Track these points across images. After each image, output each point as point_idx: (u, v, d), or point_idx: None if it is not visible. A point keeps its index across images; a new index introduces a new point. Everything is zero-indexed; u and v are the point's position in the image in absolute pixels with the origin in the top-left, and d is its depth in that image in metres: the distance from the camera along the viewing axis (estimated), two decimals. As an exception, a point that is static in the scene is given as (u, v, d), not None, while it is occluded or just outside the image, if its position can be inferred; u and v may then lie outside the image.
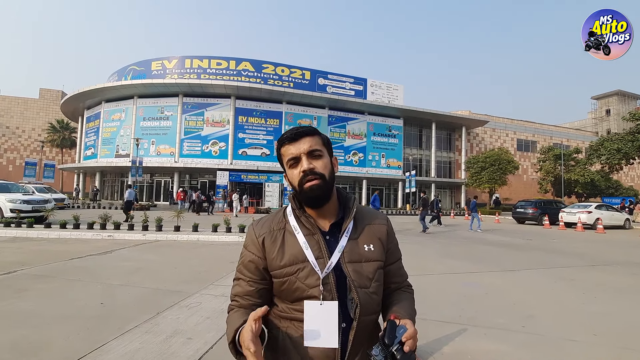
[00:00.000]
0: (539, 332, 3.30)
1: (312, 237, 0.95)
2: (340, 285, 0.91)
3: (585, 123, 58.60)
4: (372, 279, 0.94)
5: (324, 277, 0.89)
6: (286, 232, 0.98)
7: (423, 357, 2.71)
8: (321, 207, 0.97)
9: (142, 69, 33.83)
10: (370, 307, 0.92)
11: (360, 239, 0.98)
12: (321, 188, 0.92)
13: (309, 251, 0.92)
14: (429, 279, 5.34)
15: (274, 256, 0.95)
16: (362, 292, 0.91)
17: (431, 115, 35.86)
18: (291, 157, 0.95)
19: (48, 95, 49.78)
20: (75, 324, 3.17)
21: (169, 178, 31.01)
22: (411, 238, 10.85)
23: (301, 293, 0.91)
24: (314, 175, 0.92)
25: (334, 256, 0.92)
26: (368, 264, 0.95)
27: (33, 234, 8.92)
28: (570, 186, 31.76)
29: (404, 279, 1.09)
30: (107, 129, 32.42)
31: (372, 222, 1.03)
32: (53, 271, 5.20)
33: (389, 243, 1.04)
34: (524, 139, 45.85)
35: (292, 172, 0.96)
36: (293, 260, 0.93)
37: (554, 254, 8.28)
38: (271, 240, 0.97)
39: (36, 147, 46.01)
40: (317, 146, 0.96)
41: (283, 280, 0.93)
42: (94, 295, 4.08)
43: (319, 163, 0.94)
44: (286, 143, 0.96)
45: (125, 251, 7.13)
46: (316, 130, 0.99)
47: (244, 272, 0.99)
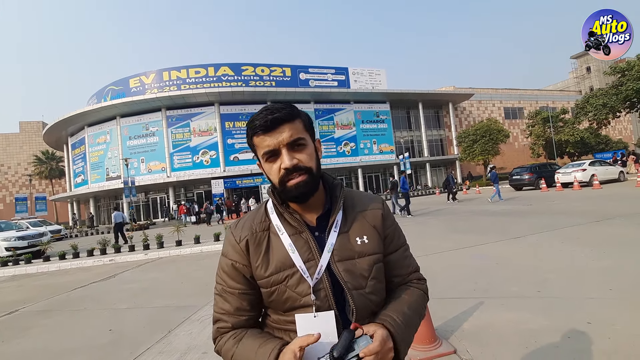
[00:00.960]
0: (555, 295, 3.27)
1: (299, 237, 0.82)
2: (338, 290, 0.79)
3: (568, 83, 58.94)
4: (368, 277, 0.81)
5: (315, 283, 0.78)
6: (270, 234, 0.85)
7: (444, 336, 2.66)
8: (308, 202, 0.84)
9: (121, 87, 33.24)
10: (367, 310, 0.81)
11: (352, 231, 0.85)
12: (308, 184, 0.79)
13: (296, 254, 0.80)
14: (438, 257, 5.30)
15: (259, 264, 0.82)
16: (357, 295, 0.79)
17: (416, 95, 35.81)
18: (267, 151, 0.79)
19: (28, 127, 48.85)
20: (85, 355, 3.08)
21: (163, 194, 30.71)
22: (413, 219, 10.84)
23: (293, 303, 0.79)
24: (299, 172, 0.78)
25: (324, 257, 0.79)
26: (362, 260, 0.82)
27: (32, 269, 8.74)
28: (561, 147, 32.00)
29: (410, 270, 0.93)
30: (93, 153, 31.94)
31: (365, 208, 0.89)
32: (56, 304, 5.07)
33: (385, 229, 0.89)
34: (510, 107, 46.05)
35: (269, 166, 0.81)
36: (280, 267, 0.80)
37: (556, 215, 8.30)
38: (255, 245, 0.83)
39: (25, 182, 45.25)
40: (299, 134, 0.80)
41: (271, 290, 0.81)
42: (101, 322, 3.97)
43: (303, 155, 0.79)
44: (260, 132, 0.79)
45: (129, 273, 7.01)
46: (295, 112, 0.81)
47: (229, 284, 0.84)
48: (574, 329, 2.57)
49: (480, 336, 2.63)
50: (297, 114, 0.82)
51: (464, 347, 2.50)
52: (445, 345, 2.52)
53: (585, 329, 2.55)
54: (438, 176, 38.48)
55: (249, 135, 0.82)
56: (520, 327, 2.70)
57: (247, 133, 0.83)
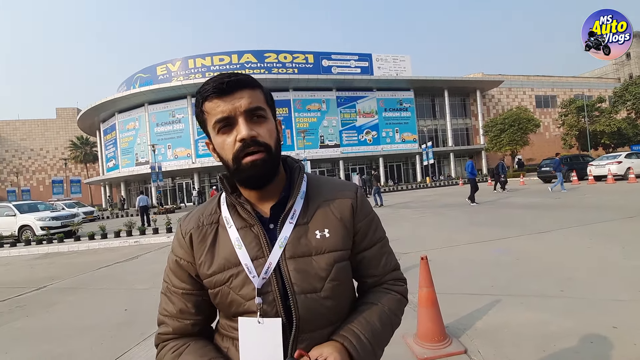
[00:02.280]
0: (580, 295, 3.06)
1: (249, 230, 0.71)
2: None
3: (606, 70, 54.79)
4: (325, 277, 0.69)
5: (262, 284, 0.67)
6: (219, 227, 0.74)
7: (455, 334, 2.55)
8: (264, 188, 0.72)
9: (148, 75, 34.17)
10: (319, 318, 0.68)
11: (312, 223, 0.72)
12: (266, 163, 0.67)
13: (243, 250, 0.69)
14: (456, 250, 5.12)
15: (202, 260, 0.72)
16: (305, 300, 0.67)
17: (442, 82, 34.52)
18: (221, 118, 0.66)
19: (64, 113, 51.41)
20: (100, 333, 3.20)
21: (189, 179, 31.64)
22: (433, 210, 10.56)
23: (237, 307, 0.69)
24: (257, 147, 0.66)
25: (273, 253, 0.68)
26: (320, 258, 0.70)
27: (64, 248, 9.27)
28: (595, 138, 29.98)
29: (388, 269, 0.80)
30: (124, 139, 33.25)
31: (330, 197, 0.76)
32: (82, 282, 5.34)
33: (357, 222, 0.76)
34: (542, 95, 43.51)
35: (221, 139, 0.67)
36: (224, 264, 0.70)
37: (587, 209, 7.81)
38: (199, 239, 0.74)
39: (61, 166, 47.97)
40: (259, 103, 0.68)
41: (215, 292, 0.71)
42: (119, 302, 4.13)
43: (262, 129, 0.67)
44: (213, 96, 0.66)
45: (151, 255, 7.27)
46: (255, 81, 0.70)
47: (174, 283, 0.75)
48: (597, 333, 2.38)
49: (494, 336, 2.50)
50: (258, 83, 0.71)
51: (475, 347, 2.38)
52: (456, 344, 2.41)
53: (610, 333, 2.36)
54: (462, 166, 37.25)
55: (198, 103, 0.69)
56: (539, 328, 2.54)
57: (197, 101, 0.69)
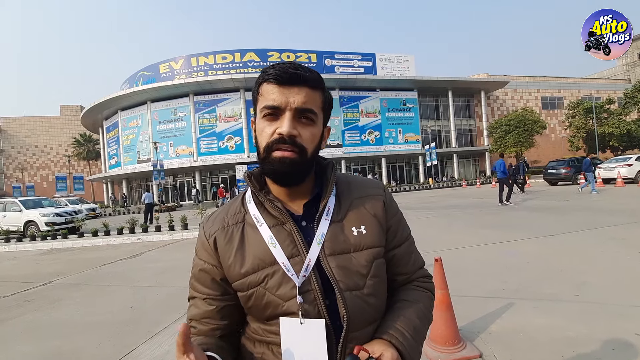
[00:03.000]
0: (596, 300, 2.98)
1: (281, 228, 0.68)
2: (330, 290, 0.65)
3: (616, 71, 54.38)
4: (366, 274, 0.68)
5: (302, 282, 0.64)
6: (246, 226, 0.71)
7: (469, 338, 2.48)
8: (291, 187, 0.71)
9: (151, 73, 34.19)
10: (365, 316, 0.67)
11: (347, 220, 0.71)
12: (295, 165, 0.65)
13: (278, 248, 0.66)
14: (465, 252, 5.04)
15: (232, 262, 0.69)
16: (351, 297, 0.65)
17: (446, 82, 34.33)
18: (270, 106, 0.65)
19: (68, 111, 51.61)
20: (107, 330, 3.16)
21: (190, 177, 31.65)
22: (438, 211, 10.47)
23: (275, 309, 0.65)
24: (292, 146, 0.64)
25: (312, 250, 0.66)
26: (359, 254, 0.68)
27: (68, 244, 9.26)
28: (604, 140, 29.75)
29: (416, 267, 0.79)
30: (126, 136, 33.31)
31: (363, 194, 0.76)
32: (86, 279, 5.31)
33: (389, 219, 0.75)
34: (549, 96, 43.22)
35: (263, 125, 0.66)
36: (258, 264, 0.67)
37: (596, 212, 7.70)
38: (225, 240, 0.70)
39: (65, 162, 48.17)
40: (313, 106, 0.67)
41: (248, 294, 0.68)
42: (124, 299, 4.09)
43: (306, 131, 0.66)
44: (273, 81, 0.65)
45: (154, 252, 7.24)
46: (320, 81, 0.68)
47: (197, 288, 0.74)
48: (619, 339, 2.31)
49: (510, 341, 2.43)
50: (321, 84, 0.68)
51: (490, 351, 2.32)
52: (470, 348, 2.34)
53: (633, 340, 2.28)
54: (465, 168, 37.10)
55: (257, 82, 0.69)
56: (556, 333, 2.47)
57: (257, 80, 0.69)
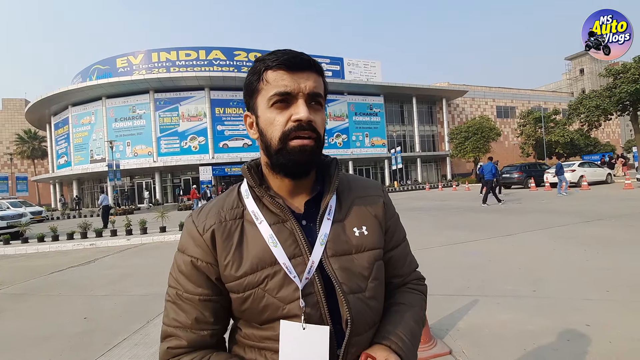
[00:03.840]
0: (551, 295, 3.19)
1: (282, 226, 0.64)
2: (332, 293, 0.62)
3: (561, 84, 59.68)
4: (368, 277, 0.65)
5: (304, 285, 0.60)
6: (245, 223, 0.66)
7: (438, 335, 2.54)
8: (301, 179, 0.67)
9: (107, 67, 32.15)
10: (366, 320, 0.64)
11: (348, 220, 0.68)
12: (314, 153, 0.62)
13: (279, 248, 0.62)
14: (431, 253, 5.21)
15: (229, 261, 0.63)
16: (354, 300, 0.62)
17: (411, 89, 35.69)
18: (282, 92, 0.59)
19: (11, 105, 46.96)
20: (58, 344, 2.86)
21: (149, 179, 30.06)
22: (404, 213, 10.78)
23: (274, 312, 0.61)
24: (311, 132, 0.61)
25: (315, 251, 0.62)
26: (361, 256, 0.66)
27: (10, 250, 8.37)
28: (551, 148, 32.48)
29: (411, 269, 0.78)
30: (77, 134, 30.95)
31: (364, 194, 0.73)
32: (31, 288, 4.80)
33: (387, 220, 0.74)
34: (503, 106, 46.41)
35: (272, 115, 0.61)
36: (257, 264, 0.62)
37: (547, 214, 8.33)
38: (224, 236, 0.64)
39: (7, 161, 43.69)
40: (321, 91, 0.64)
41: (244, 296, 0.62)
42: (76, 309, 3.74)
43: (318, 117, 0.62)
44: (281, 68, 0.60)
45: (109, 258, 6.74)
46: (322, 68, 0.65)
47: (186, 287, 0.64)
48: (573, 331, 2.48)
49: (477, 336, 2.52)
50: (323, 70, 0.66)
51: (459, 347, 2.38)
52: (440, 345, 2.40)
53: (584, 331, 2.46)
54: (428, 171, 38.69)
55: (257, 70, 0.62)
56: (518, 327, 2.60)
57: (256, 69, 0.63)
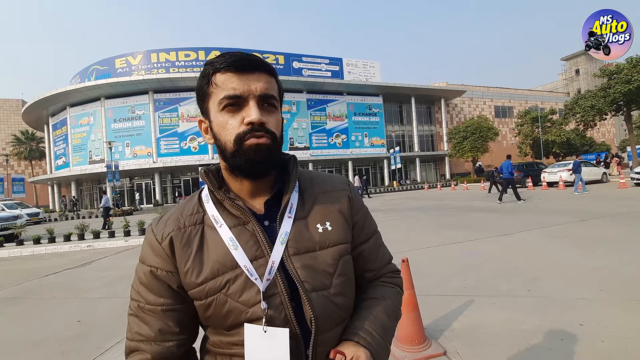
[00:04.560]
0: (546, 295, 3.19)
1: (244, 229, 0.64)
2: (296, 291, 0.63)
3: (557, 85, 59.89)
4: (333, 273, 0.65)
5: (266, 286, 0.60)
6: (205, 228, 0.66)
7: (433, 336, 2.54)
8: (259, 179, 0.67)
9: (106, 67, 32.05)
10: (333, 317, 0.64)
11: (311, 217, 0.68)
12: (271, 150, 0.62)
13: (240, 250, 0.62)
14: (427, 253, 5.21)
15: (189, 267, 0.63)
16: (317, 298, 0.62)
17: (410, 89, 35.71)
18: (232, 95, 0.60)
19: (7, 105, 46.84)
20: (49, 347, 2.85)
21: (149, 180, 29.97)
22: (403, 213, 10.78)
23: (238, 317, 0.61)
24: (265, 132, 0.61)
25: (275, 251, 0.62)
26: (325, 252, 0.66)
27: (4, 253, 8.32)
28: (547, 147, 32.56)
29: (384, 262, 0.78)
30: (76, 135, 30.83)
31: (327, 189, 0.73)
32: (25, 291, 4.77)
33: (354, 214, 0.73)
34: (500, 106, 46.49)
35: (224, 118, 0.62)
36: (218, 269, 0.62)
37: (543, 213, 8.34)
38: (182, 243, 0.64)
39: (2, 162, 43.52)
40: (274, 92, 0.64)
41: (207, 302, 0.62)
42: (70, 313, 3.72)
43: (271, 118, 0.63)
44: (229, 70, 0.61)
45: (106, 260, 6.71)
46: (274, 68, 0.66)
47: (147, 299, 0.64)
48: (566, 330, 2.48)
49: (471, 337, 2.52)
50: (275, 71, 0.66)
51: (454, 348, 2.38)
52: (435, 346, 2.39)
53: (577, 331, 2.46)
54: (427, 171, 38.73)
55: (206, 74, 0.62)
56: (512, 327, 2.60)
57: (205, 72, 0.63)
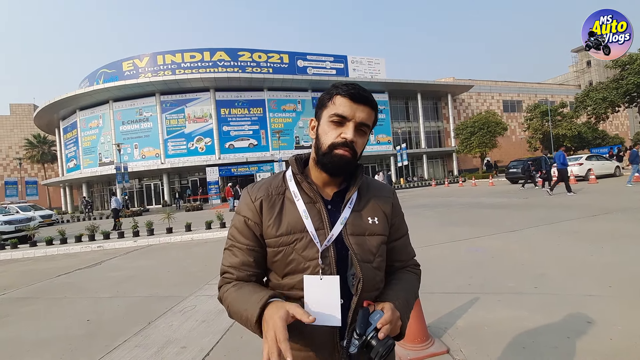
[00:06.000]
0: (553, 292, 3.14)
1: (313, 206, 0.86)
2: (340, 259, 0.83)
3: (568, 77, 58.55)
4: (375, 253, 0.87)
5: (323, 249, 0.82)
6: (285, 199, 0.89)
7: (436, 334, 2.52)
8: (333, 177, 0.89)
9: (113, 71, 32.45)
10: (372, 282, 0.86)
11: (364, 211, 0.90)
12: (349, 164, 0.84)
13: (309, 221, 0.84)
14: (433, 250, 5.17)
15: (270, 223, 0.86)
16: (365, 267, 0.83)
17: (416, 85, 35.38)
18: (341, 115, 0.82)
19: (19, 110, 47.73)
20: (59, 346, 2.91)
21: (157, 181, 30.33)
22: (409, 210, 10.71)
23: (296, 266, 0.83)
24: (351, 149, 0.83)
25: (336, 228, 0.84)
26: (372, 238, 0.88)
27: (18, 254, 8.53)
28: (558, 141, 31.91)
29: (410, 257, 1.01)
30: (86, 137, 31.36)
31: (378, 194, 0.95)
32: (38, 291, 4.89)
33: (393, 217, 0.96)
34: (509, 100, 45.74)
35: (329, 127, 0.84)
36: (291, 229, 0.84)
37: (553, 209, 8.20)
38: (269, 205, 0.87)
39: (16, 166, 44.49)
40: (369, 122, 0.86)
41: (277, 250, 0.85)
42: (80, 312, 3.80)
43: (360, 140, 0.85)
44: (346, 97, 0.82)
45: (116, 260, 6.82)
46: (376, 104, 0.88)
47: (239, 239, 0.88)
48: (573, 328, 2.44)
49: (475, 335, 2.50)
50: (377, 106, 0.88)
51: (457, 346, 2.36)
52: (438, 344, 2.38)
53: (585, 328, 2.42)
54: (434, 168, 38.40)
55: (331, 93, 0.85)
56: (518, 325, 2.56)
57: (331, 91, 0.85)
